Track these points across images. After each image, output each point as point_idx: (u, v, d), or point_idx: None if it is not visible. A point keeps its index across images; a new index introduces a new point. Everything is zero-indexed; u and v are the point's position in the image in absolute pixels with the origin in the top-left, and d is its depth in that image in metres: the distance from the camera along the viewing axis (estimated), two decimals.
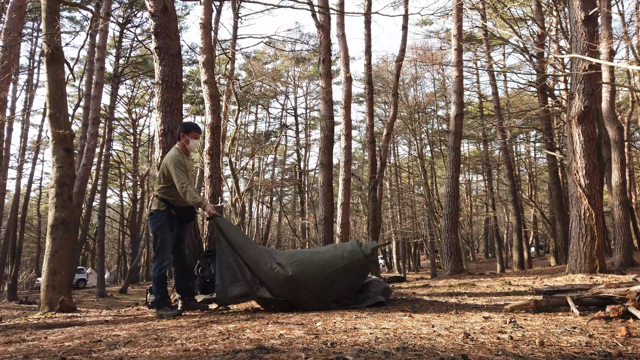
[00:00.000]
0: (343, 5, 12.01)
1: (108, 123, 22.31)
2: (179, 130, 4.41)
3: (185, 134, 4.35)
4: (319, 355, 2.02)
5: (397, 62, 15.24)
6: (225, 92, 14.91)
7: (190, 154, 4.53)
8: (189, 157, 4.46)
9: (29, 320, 4.46)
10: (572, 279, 6.32)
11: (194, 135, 4.38)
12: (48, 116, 6.22)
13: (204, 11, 7.83)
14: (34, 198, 30.42)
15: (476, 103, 26.58)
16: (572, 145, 7.26)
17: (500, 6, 13.42)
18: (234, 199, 16.01)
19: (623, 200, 10.52)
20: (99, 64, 14.38)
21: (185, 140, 4.36)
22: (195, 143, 4.41)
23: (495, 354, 1.99)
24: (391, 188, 30.81)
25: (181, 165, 4.20)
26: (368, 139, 14.82)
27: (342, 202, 11.17)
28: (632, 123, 20.94)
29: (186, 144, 4.36)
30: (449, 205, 11.89)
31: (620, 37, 13.96)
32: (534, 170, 27.20)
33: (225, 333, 2.76)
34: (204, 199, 4.43)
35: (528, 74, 15.73)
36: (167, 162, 4.24)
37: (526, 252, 21.89)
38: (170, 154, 4.34)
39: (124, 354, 2.24)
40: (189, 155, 4.48)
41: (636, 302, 2.86)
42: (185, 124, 4.47)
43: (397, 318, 3.26)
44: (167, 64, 5.45)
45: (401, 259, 35.18)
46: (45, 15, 6.17)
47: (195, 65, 25.78)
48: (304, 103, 34.18)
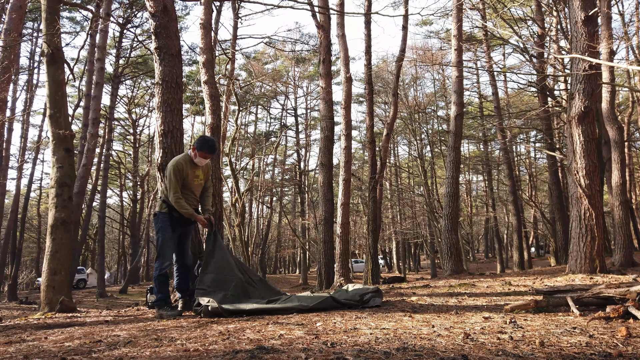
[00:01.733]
0: (343, 6, 12.01)
1: (108, 123, 22.32)
2: (195, 143, 4.35)
3: (197, 149, 4.27)
4: (319, 355, 2.02)
5: (397, 62, 15.24)
6: (225, 92, 14.92)
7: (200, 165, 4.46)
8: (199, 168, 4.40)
9: (29, 321, 4.47)
10: (572, 279, 6.32)
11: (203, 155, 4.28)
12: (48, 116, 6.23)
13: (204, 11, 7.83)
14: (34, 198, 30.42)
15: (476, 103, 26.59)
16: (572, 146, 7.26)
17: (500, 6, 13.42)
18: (234, 199, 16.02)
19: (623, 200, 10.52)
20: (99, 64, 14.38)
21: (194, 155, 4.30)
22: (200, 162, 4.31)
23: (496, 354, 1.99)
24: (391, 188, 30.81)
25: (179, 174, 4.20)
26: (368, 139, 14.82)
27: (342, 202, 11.17)
28: (632, 123, 20.95)
29: (193, 158, 4.31)
30: (449, 206, 11.90)
31: (620, 37, 13.97)
32: (534, 171, 27.20)
33: (225, 333, 2.75)
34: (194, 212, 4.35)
35: (528, 74, 15.74)
36: (169, 167, 4.26)
37: (526, 252, 21.89)
38: (176, 158, 4.31)
39: (124, 354, 2.24)
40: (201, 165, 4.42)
41: (636, 302, 2.86)
42: (199, 141, 4.34)
43: (397, 318, 3.26)
44: (167, 64, 5.45)
45: (401, 259, 35.18)
46: (45, 16, 6.18)
47: (195, 65, 25.79)
48: (304, 103, 34.21)
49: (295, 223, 31.30)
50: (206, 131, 7.33)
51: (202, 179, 4.48)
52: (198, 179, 4.42)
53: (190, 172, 4.32)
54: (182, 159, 4.29)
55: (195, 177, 4.38)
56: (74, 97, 21.53)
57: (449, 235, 11.66)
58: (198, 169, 4.39)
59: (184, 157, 4.31)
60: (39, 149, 25.89)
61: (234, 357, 2.03)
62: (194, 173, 4.36)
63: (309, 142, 32.99)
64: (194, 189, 4.41)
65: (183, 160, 4.27)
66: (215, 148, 4.43)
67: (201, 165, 4.39)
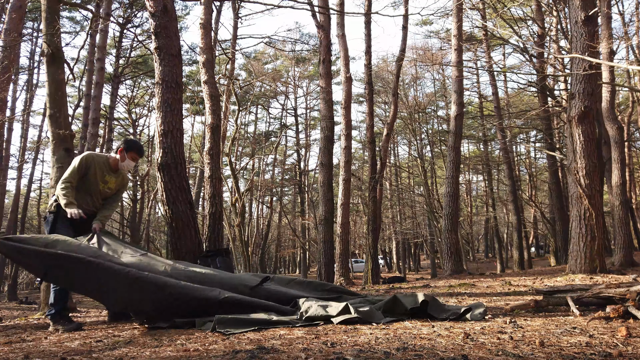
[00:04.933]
0: (343, 6, 12.02)
1: (108, 123, 22.29)
2: (121, 144, 4.10)
3: (125, 151, 4.03)
4: (319, 355, 2.02)
5: (397, 62, 15.25)
6: (225, 92, 14.91)
7: (119, 171, 4.14)
8: (115, 174, 4.09)
9: (29, 321, 4.47)
10: (572, 279, 6.32)
11: (132, 156, 4.05)
12: (48, 116, 6.22)
13: (204, 11, 7.83)
14: (34, 198, 30.41)
15: (476, 103, 26.60)
16: (572, 146, 7.26)
17: (500, 6, 13.42)
18: (234, 199, 16.02)
19: (623, 200, 10.52)
20: (99, 64, 14.37)
21: (122, 157, 4.03)
22: (129, 164, 4.07)
23: (496, 354, 1.99)
24: (391, 188, 30.81)
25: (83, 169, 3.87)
26: (368, 139, 14.84)
27: (342, 202, 11.17)
28: (632, 123, 20.94)
29: (121, 160, 4.04)
30: (449, 205, 11.90)
31: (620, 37, 13.97)
32: (534, 170, 27.21)
33: (225, 333, 2.75)
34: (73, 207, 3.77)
35: (528, 74, 15.75)
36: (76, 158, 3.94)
37: (526, 252, 21.90)
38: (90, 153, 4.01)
39: (124, 354, 2.24)
40: (116, 172, 4.10)
41: (636, 302, 2.86)
42: (129, 141, 4.14)
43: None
44: (167, 64, 5.45)
45: (401, 259, 35.19)
46: (45, 15, 6.17)
47: (195, 65, 25.78)
48: (304, 103, 34.19)
49: (295, 223, 31.30)
50: (206, 131, 7.34)
51: (111, 189, 4.11)
52: (106, 186, 4.05)
53: (98, 174, 3.96)
54: (96, 157, 3.97)
55: (103, 183, 4.02)
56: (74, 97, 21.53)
57: (449, 235, 11.66)
58: (111, 176, 4.06)
59: (99, 157, 4.00)
60: (39, 149, 25.90)
61: (234, 357, 2.03)
62: (104, 177, 4.00)
63: (309, 142, 33.00)
64: (93, 193, 3.99)
65: (95, 159, 3.96)
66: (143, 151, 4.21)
67: (127, 169, 4.15)
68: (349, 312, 2.97)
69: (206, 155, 7.25)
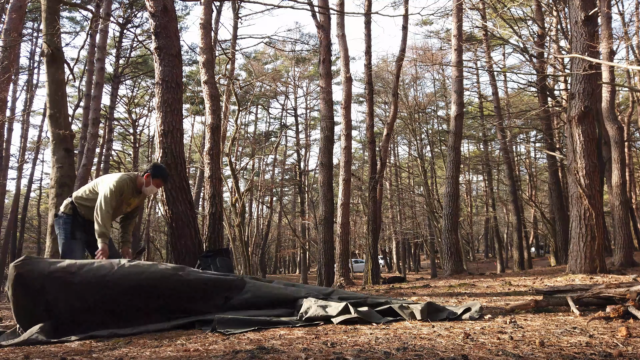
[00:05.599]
0: (343, 6, 12.02)
1: (108, 123, 22.29)
2: (149, 169, 4.06)
3: (152, 177, 4.01)
4: (319, 355, 2.02)
5: (397, 62, 15.25)
6: (225, 92, 14.91)
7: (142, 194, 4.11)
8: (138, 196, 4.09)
9: None
10: (572, 279, 6.32)
11: (157, 183, 4.05)
12: (48, 116, 6.23)
13: (204, 11, 7.83)
14: (34, 198, 30.41)
15: (476, 103, 26.60)
16: (572, 146, 7.26)
17: (500, 6, 13.42)
18: (234, 199, 16.00)
19: (623, 200, 10.52)
20: (99, 64, 14.37)
21: (147, 182, 4.01)
22: (153, 190, 4.07)
23: (496, 354, 1.99)
24: (391, 188, 30.82)
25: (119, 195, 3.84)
26: (368, 139, 14.84)
27: (342, 202, 11.18)
28: (632, 123, 20.95)
29: (145, 185, 4.02)
30: (449, 206, 11.90)
31: (620, 37, 13.96)
32: (534, 171, 27.21)
33: (225, 333, 2.75)
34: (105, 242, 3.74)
35: (528, 74, 15.76)
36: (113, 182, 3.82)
37: (526, 252, 21.91)
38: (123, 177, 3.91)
39: (124, 354, 2.24)
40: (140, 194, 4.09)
41: (636, 302, 2.86)
42: (157, 167, 4.09)
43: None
44: (167, 64, 5.46)
45: (401, 259, 35.21)
46: (45, 16, 6.18)
47: (195, 65, 25.79)
48: (304, 103, 34.19)
49: (295, 223, 31.30)
50: (206, 131, 7.34)
51: (131, 209, 4.15)
52: (128, 207, 4.07)
53: (125, 198, 3.96)
54: (129, 183, 3.93)
55: (127, 205, 4.04)
56: (74, 97, 21.53)
57: (449, 235, 11.66)
58: (134, 198, 4.05)
59: (131, 181, 3.96)
60: (39, 149, 25.91)
61: (234, 357, 2.03)
62: (128, 201, 4.01)
63: (309, 142, 33.01)
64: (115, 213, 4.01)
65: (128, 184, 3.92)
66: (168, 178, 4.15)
67: (148, 195, 4.14)
68: (349, 312, 2.99)
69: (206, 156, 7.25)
